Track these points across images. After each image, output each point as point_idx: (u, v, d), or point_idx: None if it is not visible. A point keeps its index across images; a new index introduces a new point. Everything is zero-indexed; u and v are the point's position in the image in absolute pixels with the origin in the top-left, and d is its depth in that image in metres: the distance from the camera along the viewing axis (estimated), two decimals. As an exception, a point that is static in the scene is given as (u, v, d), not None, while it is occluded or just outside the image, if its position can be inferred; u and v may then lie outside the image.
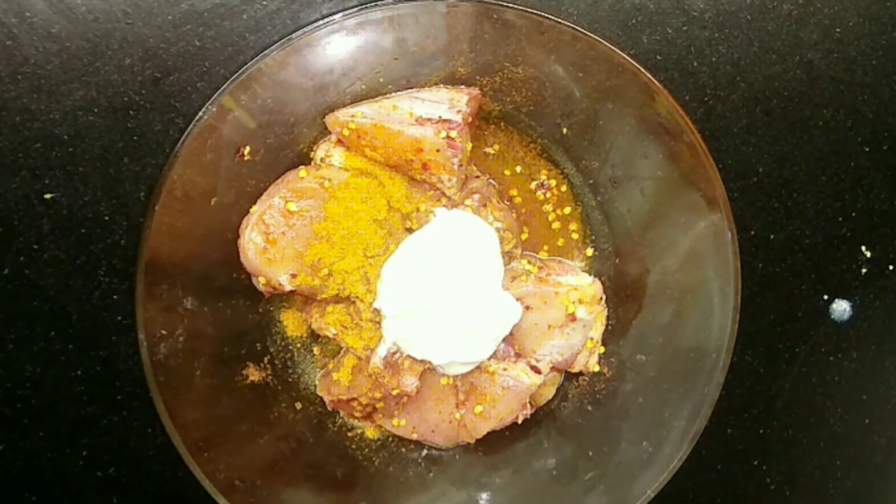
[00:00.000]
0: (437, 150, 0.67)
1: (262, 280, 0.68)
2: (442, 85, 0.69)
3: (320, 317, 0.70)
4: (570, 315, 0.70)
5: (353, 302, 0.68)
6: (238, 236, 0.67)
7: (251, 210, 0.67)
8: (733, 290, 0.63)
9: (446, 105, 0.68)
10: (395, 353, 0.68)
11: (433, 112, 0.67)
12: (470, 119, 0.69)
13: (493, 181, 0.73)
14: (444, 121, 0.67)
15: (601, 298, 0.72)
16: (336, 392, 0.70)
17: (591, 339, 0.71)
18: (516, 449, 0.72)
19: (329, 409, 0.72)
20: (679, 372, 0.66)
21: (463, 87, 0.69)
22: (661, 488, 0.63)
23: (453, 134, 0.66)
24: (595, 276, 0.73)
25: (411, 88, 0.69)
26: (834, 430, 0.76)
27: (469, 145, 0.69)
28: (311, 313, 0.71)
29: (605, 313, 0.72)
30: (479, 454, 0.71)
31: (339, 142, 0.69)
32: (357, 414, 0.71)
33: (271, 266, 0.67)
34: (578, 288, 0.70)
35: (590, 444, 0.67)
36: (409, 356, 0.68)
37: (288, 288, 0.68)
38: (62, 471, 0.70)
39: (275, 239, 0.67)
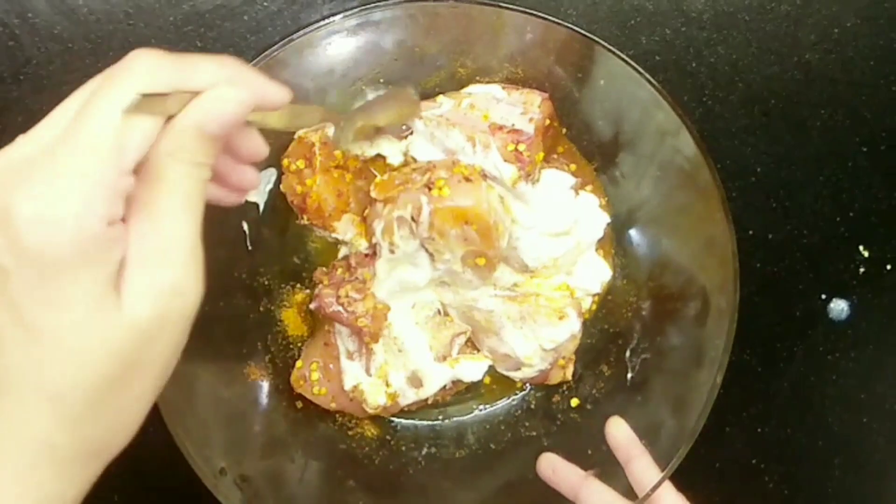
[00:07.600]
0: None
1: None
2: (519, 86, 0.68)
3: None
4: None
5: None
6: (236, 236, 0.68)
7: None
8: (732, 290, 0.63)
9: (520, 109, 0.66)
10: None
11: (508, 118, 0.66)
12: (547, 122, 0.67)
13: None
14: (516, 131, 0.65)
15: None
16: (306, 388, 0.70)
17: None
18: (516, 448, 0.72)
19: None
20: (677, 371, 0.66)
21: (536, 90, 0.68)
22: (659, 487, 0.63)
23: (522, 147, 0.65)
24: (594, 276, 0.73)
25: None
26: (832, 430, 0.76)
27: (540, 155, 0.67)
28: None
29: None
30: (478, 453, 0.72)
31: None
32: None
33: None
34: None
35: (588, 442, 0.67)
36: None
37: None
38: (64, 469, 0.70)
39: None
